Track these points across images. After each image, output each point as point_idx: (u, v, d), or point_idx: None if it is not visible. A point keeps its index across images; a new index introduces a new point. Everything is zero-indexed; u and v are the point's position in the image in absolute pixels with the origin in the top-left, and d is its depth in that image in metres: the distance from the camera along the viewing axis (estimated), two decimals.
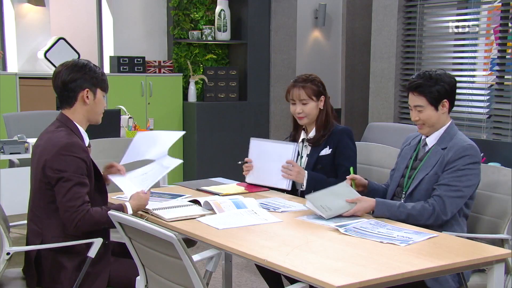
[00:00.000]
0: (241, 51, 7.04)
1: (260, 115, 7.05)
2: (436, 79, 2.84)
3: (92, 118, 2.83)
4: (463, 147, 2.80)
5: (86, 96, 2.74)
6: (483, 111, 5.26)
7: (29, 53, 6.21)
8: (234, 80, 6.89)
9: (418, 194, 2.87)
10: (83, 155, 2.65)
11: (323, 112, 3.30)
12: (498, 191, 3.01)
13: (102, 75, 2.81)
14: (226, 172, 6.64)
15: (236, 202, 2.90)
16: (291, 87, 3.32)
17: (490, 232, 2.95)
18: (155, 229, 2.02)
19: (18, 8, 6.14)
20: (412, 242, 2.39)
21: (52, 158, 2.60)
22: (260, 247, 2.36)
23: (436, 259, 2.22)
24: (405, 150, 3.08)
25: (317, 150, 3.28)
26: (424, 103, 2.85)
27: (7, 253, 2.65)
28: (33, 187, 2.74)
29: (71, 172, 2.59)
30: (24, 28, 6.18)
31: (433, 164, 2.85)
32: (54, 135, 2.69)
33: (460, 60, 5.59)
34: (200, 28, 6.86)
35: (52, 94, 5.91)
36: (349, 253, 2.29)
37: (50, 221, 2.67)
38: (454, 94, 2.89)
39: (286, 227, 2.63)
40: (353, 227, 2.58)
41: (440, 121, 2.88)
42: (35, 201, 2.73)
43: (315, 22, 8.07)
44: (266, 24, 7.04)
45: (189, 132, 6.72)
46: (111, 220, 2.34)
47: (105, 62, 6.80)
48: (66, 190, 2.57)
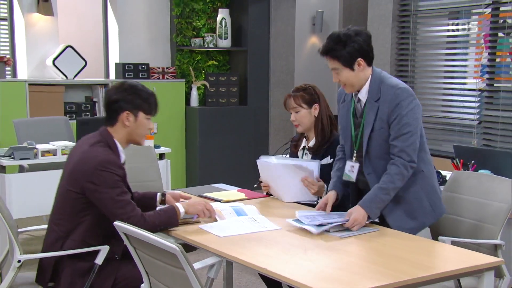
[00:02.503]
0: (242, 57, 7.02)
1: (260, 119, 7.04)
2: (345, 40, 2.71)
3: (132, 140, 2.77)
4: (395, 94, 2.72)
5: (126, 118, 2.70)
6: (474, 117, 5.24)
7: (38, 60, 6.19)
8: (235, 86, 6.87)
9: (374, 150, 2.81)
10: (119, 172, 2.62)
11: (319, 119, 3.27)
12: (492, 199, 3.01)
13: (148, 98, 2.74)
14: (227, 174, 6.64)
15: (236, 209, 2.88)
16: (287, 97, 3.31)
17: (485, 238, 2.95)
18: (159, 241, 2.01)
19: (28, 17, 6.12)
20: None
21: (91, 173, 2.57)
22: (260, 255, 2.35)
23: (431, 268, 2.21)
24: (342, 108, 2.98)
25: (318, 159, 3.23)
26: (338, 66, 2.75)
27: (18, 261, 2.64)
28: (61, 191, 2.71)
29: (109, 185, 2.57)
30: (33, 37, 6.16)
31: (373, 119, 2.77)
32: (93, 149, 2.65)
33: (452, 68, 5.57)
34: (202, 35, 6.85)
35: (60, 100, 6.00)
36: (345, 261, 2.28)
37: (71, 229, 2.66)
38: (369, 49, 2.76)
39: (285, 235, 2.61)
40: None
41: (361, 78, 2.78)
42: (61, 206, 2.69)
43: (313, 28, 8.07)
44: (266, 31, 7.02)
45: (192, 135, 6.71)
46: (165, 218, 2.48)
47: (110, 69, 6.78)
48: (110, 201, 2.56)
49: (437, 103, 5.49)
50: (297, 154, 3.38)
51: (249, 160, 6.84)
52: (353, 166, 2.89)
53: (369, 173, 2.85)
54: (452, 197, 3.18)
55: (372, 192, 2.74)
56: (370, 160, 2.83)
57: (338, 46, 2.73)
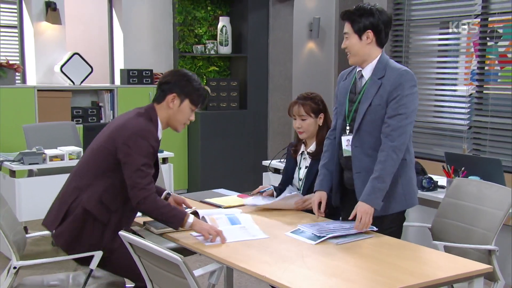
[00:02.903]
0: (242, 63, 7.02)
1: (259, 122, 7.03)
2: (365, 12, 2.73)
3: (171, 124, 2.77)
4: (399, 73, 2.71)
5: (172, 100, 2.71)
6: (464, 123, 5.24)
7: (46, 67, 6.18)
8: (235, 91, 6.86)
9: (365, 125, 2.76)
10: (154, 144, 2.63)
11: (322, 128, 3.25)
12: (487, 205, 3.02)
13: (199, 90, 2.75)
14: (227, 176, 6.64)
15: (231, 218, 2.84)
16: (293, 104, 3.27)
17: (480, 243, 2.95)
18: (162, 251, 2.01)
19: (37, 26, 6.11)
20: None
21: (129, 136, 2.59)
22: (259, 262, 2.34)
23: (424, 275, 2.20)
24: (342, 85, 2.95)
25: (317, 163, 3.17)
26: (349, 31, 2.76)
27: (14, 267, 2.61)
28: (94, 147, 2.71)
29: (142, 154, 2.57)
30: (42, 44, 6.15)
31: (373, 94, 2.74)
32: (138, 118, 2.67)
33: (443, 76, 5.56)
34: (204, 42, 6.84)
35: (67, 105, 5.99)
36: (342, 269, 2.27)
37: (92, 183, 2.64)
38: (383, 29, 2.75)
39: (283, 242, 2.59)
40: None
41: (366, 51, 2.77)
42: (89, 161, 2.70)
43: (310, 34, 8.04)
44: (265, 38, 7.02)
45: (193, 138, 6.71)
46: (170, 214, 2.46)
47: (116, 75, 6.77)
48: (135, 168, 2.56)
49: (429, 109, 5.49)
50: (296, 158, 3.37)
51: (249, 162, 6.85)
52: (348, 139, 2.84)
53: (356, 146, 2.80)
54: (452, 203, 3.18)
55: (369, 185, 2.70)
56: (360, 135, 2.78)
57: (357, 13, 2.75)
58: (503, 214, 2.95)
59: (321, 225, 2.71)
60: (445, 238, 3.09)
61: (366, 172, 2.76)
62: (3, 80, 5.65)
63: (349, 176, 2.89)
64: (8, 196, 4.31)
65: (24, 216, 4.32)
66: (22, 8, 6.19)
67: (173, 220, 2.61)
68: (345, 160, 2.88)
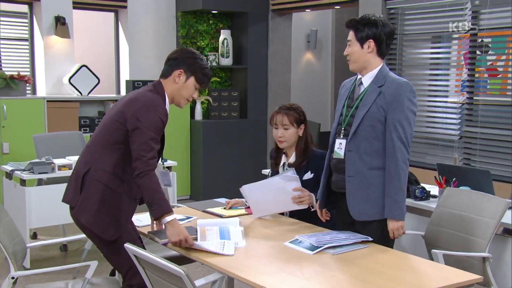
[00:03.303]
0: (242, 74, 7.02)
1: (258, 131, 7.03)
2: (369, 22, 2.73)
3: (176, 99, 2.76)
4: (400, 83, 2.71)
5: (178, 75, 2.70)
6: (455, 133, 5.24)
7: (55, 79, 6.19)
8: (236, 101, 6.87)
9: (363, 130, 2.73)
10: (163, 117, 2.62)
11: (302, 139, 3.23)
12: (479, 214, 3.03)
13: (205, 68, 2.74)
14: (228, 183, 6.62)
15: (222, 231, 2.76)
16: (276, 114, 3.24)
17: (475, 251, 2.96)
18: (165, 264, 2.00)
19: (47, 39, 6.13)
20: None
21: (139, 108, 2.58)
22: (259, 272, 2.32)
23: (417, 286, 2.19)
24: (342, 92, 2.95)
25: (299, 175, 3.16)
26: (352, 38, 2.77)
27: (12, 278, 2.59)
28: (105, 121, 2.70)
29: (150, 127, 2.56)
30: (51, 57, 6.17)
31: (372, 101, 2.72)
32: (147, 93, 2.67)
33: (435, 88, 5.57)
34: (206, 54, 6.84)
35: (75, 115, 6.00)
36: (338, 279, 2.27)
37: (103, 155, 2.64)
38: (385, 40, 2.74)
39: (282, 251, 2.59)
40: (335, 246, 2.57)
41: (366, 60, 2.76)
42: (101, 133, 2.69)
43: (308, 45, 8.07)
44: (264, 51, 7.03)
45: (196, 146, 6.71)
46: (157, 201, 2.46)
47: (121, 86, 6.78)
48: (142, 140, 2.54)
49: (422, 119, 5.48)
50: (277, 171, 3.33)
51: (249, 170, 6.84)
52: (341, 143, 2.82)
53: (350, 150, 2.77)
54: (445, 212, 3.19)
55: (388, 198, 2.68)
56: (355, 139, 2.76)
57: (361, 22, 2.75)
58: (495, 222, 2.95)
59: (319, 236, 2.71)
60: (438, 245, 3.09)
61: (358, 176, 2.75)
62: (15, 91, 5.66)
63: (338, 179, 2.86)
64: (19, 203, 4.31)
65: (33, 223, 4.32)
66: (33, 23, 6.22)
67: (157, 207, 2.54)
68: (335, 163, 2.86)
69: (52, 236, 5.02)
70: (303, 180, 3.16)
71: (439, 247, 3.02)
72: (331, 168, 2.92)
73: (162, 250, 3.18)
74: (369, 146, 2.73)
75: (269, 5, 6.95)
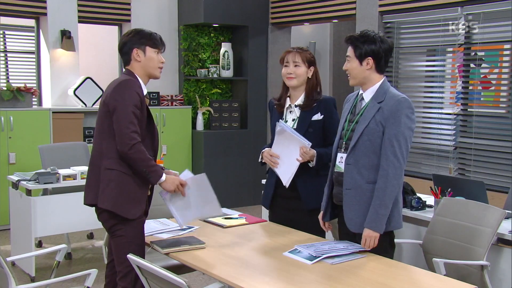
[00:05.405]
0: (242, 86, 7.04)
1: (258, 141, 7.01)
2: (368, 39, 2.71)
3: (149, 73, 2.82)
4: (398, 100, 2.69)
5: (136, 54, 2.77)
6: (450, 143, 5.24)
7: (61, 90, 6.20)
8: (236, 111, 6.88)
9: (361, 145, 2.72)
10: (138, 90, 2.68)
11: (311, 80, 3.15)
12: (478, 224, 3.03)
13: (150, 34, 2.82)
14: (229, 191, 6.62)
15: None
16: (287, 52, 3.18)
17: (473, 259, 2.96)
18: (167, 275, 2.00)
19: (53, 52, 6.14)
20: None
21: (114, 89, 2.67)
22: (259, 282, 2.32)
23: None
24: (346, 107, 2.94)
25: (309, 115, 3.11)
26: (351, 54, 2.76)
27: None
28: (100, 114, 2.75)
29: (129, 102, 2.62)
30: (57, 70, 6.18)
31: (371, 116, 2.70)
32: (118, 78, 2.77)
33: (430, 99, 5.58)
34: (207, 66, 6.87)
35: (80, 126, 6.00)
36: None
37: (106, 144, 2.70)
38: (383, 56, 2.73)
39: (282, 261, 2.58)
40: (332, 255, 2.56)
41: (365, 76, 2.75)
42: (99, 126, 2.74)
43: None
44: (264, 63, 7.05)
45: (197, 156, 6.71)
46: (152, 168, 2.57)
47: None
48: (121, 117, 2.61)
49: (417, 130, 5.48)
50: (282, 113, 3.23)
51: (249, 179, 6.84)
52: (342, 157, 2.82)
53: (348, 164, 2.76)
54: (442, 221, 3.20)
55: (371, 212, 2.67)
56: (355, 153, 2.75)
57: (360, 40, 2.74)
58: (492, 231, 2.96)
59: (317, 246, 2.70)
60: (437, 254, 3.09)
61: (355, 190, 2.74)
62: (21, 103, 5.68)
63: (338, 191, 2.86)
64: (24, 213, 4.31)
65: (39, 232, 4.32)
66: (40, 36, 6.24)
67: (153, 174, 2.69)
68: (336, 176, 2.87)
69: (58, 244, 5.00)
70: (312, 120, 3.11)
71: (438, 256, 3.01)
72: (333, 181, 2.92)
73: (164, 260, 3.17)
74: (368, 161, 2.72)
75: (269, 19, 6.98)
